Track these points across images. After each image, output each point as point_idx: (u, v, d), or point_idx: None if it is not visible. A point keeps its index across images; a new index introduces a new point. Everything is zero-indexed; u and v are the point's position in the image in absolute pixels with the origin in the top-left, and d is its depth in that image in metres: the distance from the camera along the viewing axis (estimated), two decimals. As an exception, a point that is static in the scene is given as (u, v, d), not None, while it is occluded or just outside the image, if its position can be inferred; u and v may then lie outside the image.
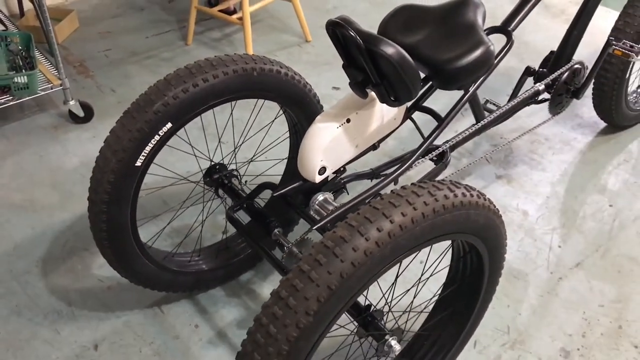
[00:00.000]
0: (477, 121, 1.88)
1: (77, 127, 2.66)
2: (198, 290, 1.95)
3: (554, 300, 1.97)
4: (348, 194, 1.76)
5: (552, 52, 2.14)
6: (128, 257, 1.67)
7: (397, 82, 1.39)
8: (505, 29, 1.78)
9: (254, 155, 1.94)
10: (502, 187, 2.41)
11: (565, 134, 2.71)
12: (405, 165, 1.63)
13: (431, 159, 1.78)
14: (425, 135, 1.78)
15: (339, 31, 1.39)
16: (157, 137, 1.51)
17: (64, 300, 1.92)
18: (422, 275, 1.71)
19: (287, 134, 1.92)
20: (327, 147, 1.55)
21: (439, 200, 1.20)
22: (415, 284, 1.65)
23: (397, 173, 1.61)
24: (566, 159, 2.57)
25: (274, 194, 1.61)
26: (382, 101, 1.47)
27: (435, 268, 1.86)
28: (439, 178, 1.83)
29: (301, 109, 1.77)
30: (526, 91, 2.04)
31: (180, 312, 1.90)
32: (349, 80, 1.52)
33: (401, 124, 1.72)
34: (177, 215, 2.07)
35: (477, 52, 1.49)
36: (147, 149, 1.52)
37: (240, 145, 1.83)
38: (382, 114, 1.63)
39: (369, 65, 1.38)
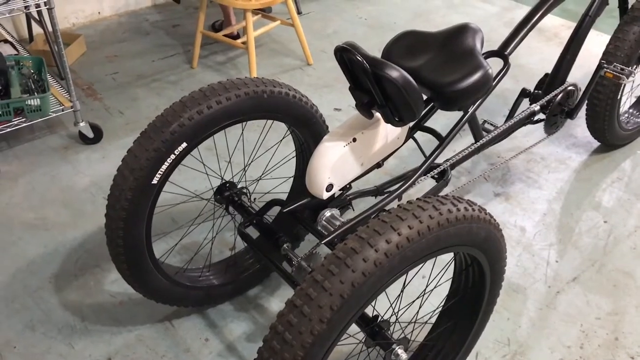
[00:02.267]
0: (476, 140, 1.96)
1: (86, 148, 2.74)
2: (208, 304, 2.01)
3: (552, 313, 2.04)
4: (353, 210, 1.83)
5: (546, 75, 2.24)
6: (143, 272, 1.74)
7: (401, 104, 1.48)
8: (502, 52, 1.88)
9: (262, 174, 2.02)
10: (500, 204, 2.49)
11: (560, 153, 2.79)
12: (409, 183, 1.71)
13: (432, 177, 1.86)
14: (427, 153, 1.86)
15: (347, 56, 1.48)
16: (172, 157, 1.59)
17: (77, 315, 1.98)
18: (426, 287, 1.78)
19: (293, 154, 2.00)
20: (335, 165, 1.62)
21: (443, 214, 1.28)
22: (420, 295, 1.72)
23: (400, 190, 1.69)
24: (562, 177, 2.65)
25: (284, 210, 1.68)
26: (386, 121, 1.55)
27: (439, 281, 1.93)
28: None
29: (308, 129, 1.85)
30: (522, 112, 2.13)
31: (190, 326, 1.96)
32: (355, 102, 1.60)
33: (404, 143, 1.80)
34: (188, 233, 2.13)
35: (476, 76, 1.58)
36: (163, 167, 1.59)
37: (250, 164, 1.90)
38: (387, 133, 1.71)
39: (374, 88, 1.46)
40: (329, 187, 1.65)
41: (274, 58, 3.54)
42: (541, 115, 2.19)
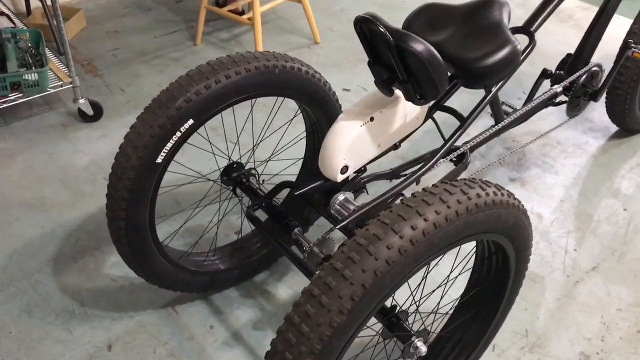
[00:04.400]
0: (497, 122, 1.86)
1: (86, 126, 2.64)
2: (213, 290, 1.92)
3: (571, 303, 1.96)
4: (368, 194, 1.74)
5: (569, 55, 2.13)
6: (145, 256, 1.65)
7: (424, 80, 1.38)
8: (527, 29, 1.77)
9: (271, 155, 1.92)
10: (516, 190, 2.39)
11: (577, 138, 2.70)
12: (427, 166, 1.61)
13: (451, 160, 1.76)
14: (445, 135, 1.76)
15: (367, 27, 1.38)
16: (178, 134, 1.49)
17: (76, 299, 1.89)
18: (449, 276, 1.69)
19: (303, 134, 1.91)
20: (350, 145, 1.53)
21: (472, 199, 1.18)
22: (441, 284, 1.63)
23: (419, 173, 1.60)
24: (579, 162, 2.56)
25: (295, 193, 1.59)
26: (407, 99, 1.45)
27: (460, 270, 1.84)
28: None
29: (320, 107, 1.75)
30: (544, 93, 2.03)
31: (194, 312, 1.88)
32: (373, 78, 1.50)
33: (423, 123, 1.71)
34: (193, 215, 2.04)
35: (504, 52, 1.48)
36: (169, 145, 1.49)
37: (258, 144, 1.81)
38: (405, 112, 1.61)
39: (397, 62, 1.36)
40: (344, 169, 1.56)
41: (280, 36, 3.43)
42: (563, 97, 2.09)
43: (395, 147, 1.68)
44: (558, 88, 2.03)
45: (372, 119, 1.55)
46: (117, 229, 1.57)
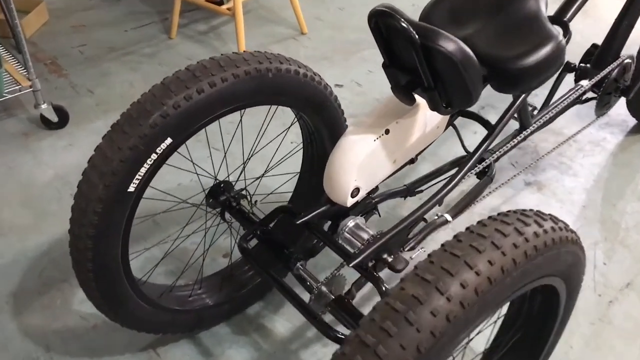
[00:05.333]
0: (524, 128, 1.62)
1: (50, 134, 2.34)
2: (200, 329, 1.66)
3: (607, 328, 1.73)
4: (380, 215, 1.49)
5: (594, 46, 1.89)
6: (119, 298, 1.39)
7: (455, 86, 1.13)
8: (560, 19, 1.52)
9: (265, 171, 1.65)
10: (532, 195, 2.16)
11: (594, 134, 2.47)
12: (452, 184, 1.36)
13: (474, 173, 1.52)
14: (466, 144, 1.52)
15: (384, 22, 1.12)
16: (154, 157, 1.23)
17: (40, 343, 1.62)
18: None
19: (290, 144, 1.65)
20: (362, 164, 1.28)
21: (530, 241, 0.94)
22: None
23: (442, 193, 1.35)
24: (598, 161, 2.33)
25: (297, 222, 1.33)
26: (433, 108, 1.20)
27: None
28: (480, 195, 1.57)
29: (320, 114, 1.49)
30: (570, 91, 1.78)
31: (179, 355, 1.62)
32: (390, 84, 1.24)
33: (443, 131, 1.46)
34: (172, 250, 1.77)
35: (547, 49, 1.22)
36: (143, 170, 1.23)
37: (249, 159, 1.55)
38: (425, 121, 1.36)
39: (422, 65, 1.10)
40: (355, 192, 1.31)
41: (264, 27, 3.15)
42: (590, 94, 1.86)
43: (412, 161, 1.43)
44: (585, 83, 1.79)
45: (387, 131, 1.29)
46: (83, 272, 1.30)
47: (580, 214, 2.10)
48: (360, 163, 1.27)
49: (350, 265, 1.21)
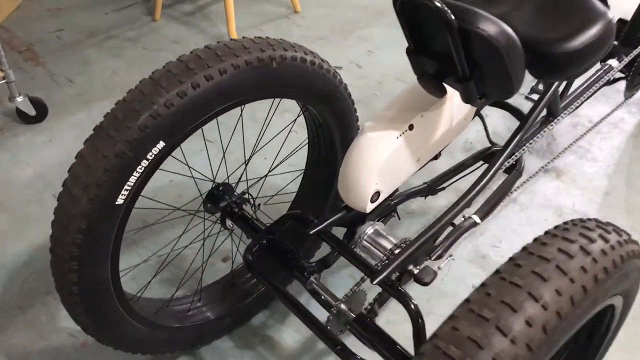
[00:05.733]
0: (553, 115, 1.46)
1: (28, 129, 2.16)
2: (200, 345, 1.51)
3: (641, 328, 1.61)
4: (399, 218, 1.34)
5: (621, 21, 1.73)
6: (110, 321, 1.23)
7: (495, 75, 0.97)
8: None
9: (269, 171, 1.48)
10: (551, 183, 2.02)
11: (611, 115, 2.32)
12: (484, 181, 1.20)
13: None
14: (491, 135, 1.36)
15: (413, 2, 0.95)
16: (145, 163, 1.06)
17: (24, 366, 1.47)
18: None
19: (295, 138, 1.49)
20: (384, 165, 1.12)
21: (599, 261, 0.79)
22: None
23: (473, 193, 1.19)
24: (617, 144, 2.19)
25: (310, 232, 1.17)
26: (466, 100, 1.04)
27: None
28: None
29: (329, 106, 1.33)
30: (598, 71, 1.63)
31: (179, 374, 1.47)
32: (416, 73, 1.08)
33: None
34: (166, 264, 1.60)
35: (597, 28, 1.06)
36: (132, 180, 1.06)
37: (250, 158, 1.38)
38: (452, 113, 1.20)
39: (458, 52, 0.94)
40: (375, 197, 1.15)
41: (254, 5, 2.95)
42: (618, 74, 1.70)
43: (435, 157, 1.28)
44: (616, 64, 1.63)
45: (411, 127, 1.13)
46: (68, 295, 1.15)
47: (603, 202, 1.96)
48: (381, 165, 1.11)
49: (375, 282, 1.06)
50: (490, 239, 1.82)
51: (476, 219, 1.26)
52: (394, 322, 1.55)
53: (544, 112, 1.45)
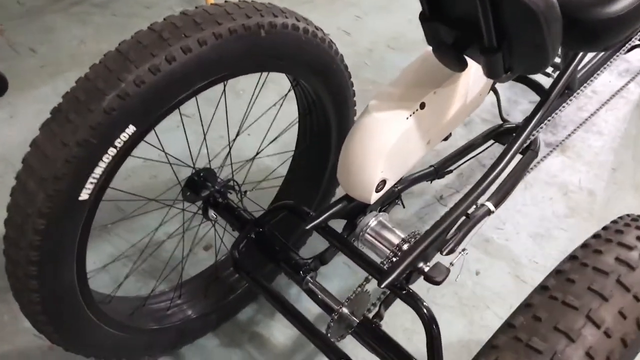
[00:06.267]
0: (571, 90, 1.32)
1: (-14, 105, 1.97)
2: (182, 344, 1.37)
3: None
4: (404, 207, 1.19)
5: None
6: (79, 329, 1.08)
7: (529, 45, 0.82)
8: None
9: (257, 153, 1.32)
10: (556, 158, 1.90)
11: (614, 84, 2.19)
12: (502, 165, 1.06)
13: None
14: (504, 113, 1.22)
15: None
16: (112, 152, 0.90)
17: (-14, 373, 1.32)
18: None
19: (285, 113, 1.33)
20: (392, 150, 0.97)
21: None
22: None
23: (490, 178, 1.05)
24: (623, 116, 2.07)
25: (307, 227, 1.02)
26: (489, 74, 0.89)
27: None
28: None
29: (324, 79, 1.18)
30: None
31: (158, 377, 1.33)
32: (430, 42, 0.92)
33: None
34: (136, 267, 1.44)
35: (639, -9, 0.92)
36: (98, 172, 0.90)
37: (234, 140, 1.22)
38: (468, 89, 1.05)
39: (487, 19, 0.79)
40: (380, 186, 1.01)
41: (232, -32, 2.74)
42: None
43: (446, 138, 1.13)
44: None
45: (422, 105, 0.98)
46: (28, 304, 0.99)
47: (610, 178, 1.85)
48: (389, 149, 0.96)
49: (383, 286, 0.92)
50: (493, 220, 1.69)
51: (490, 206, 1.13)
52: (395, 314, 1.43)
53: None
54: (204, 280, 1.39)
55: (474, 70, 1.02)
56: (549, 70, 1.38)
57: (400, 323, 1.44)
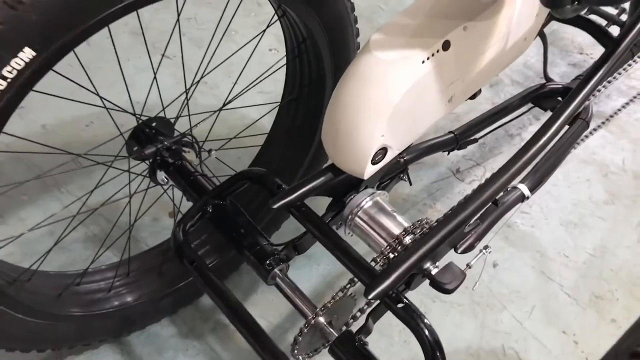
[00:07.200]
0: (609, 48, 1.02)
1: None
2: (129, 332, 1.13)
3: None
4: (410, 183, 0.92)
5: None
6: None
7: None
8: None
9: (225, 102, 1.02)
10: (598, 138, 1.60)
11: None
12: (546, 136, 0.77)
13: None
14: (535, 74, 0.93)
15: None
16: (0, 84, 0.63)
17: None
18: None
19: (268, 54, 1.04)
20: (398, 106, 0.69)
21: None
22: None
23: (526, 157, 0.76)
24: (677, 85, 1.76)
25: (274, 206, 0.75)
26: (552, 3, 0.60)
27: None
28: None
29: (318, 10, 0.89)
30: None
31: (97, 371, 1.09)
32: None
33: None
34: (75, 225, 1.16)
35: None
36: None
37: (198, 82, 0.94)
38: (510, 27, 0.76)
39: None
40: (379, 155, 0.73)
41: None
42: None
43: (474, 95, 0.85)
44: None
45: (446, 45, 0.70)
46: None
47: (659, 159, 1.56)
48: (394, 105, 0.68)
49: (371, 297, 0.66)
50: (517, 201, 1.41)
51: (525, 190, 0.85)
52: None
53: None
54: (161, 254, 1.13)
55: (520, 1, 0.74)
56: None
57: (397, 322, 1.18)
